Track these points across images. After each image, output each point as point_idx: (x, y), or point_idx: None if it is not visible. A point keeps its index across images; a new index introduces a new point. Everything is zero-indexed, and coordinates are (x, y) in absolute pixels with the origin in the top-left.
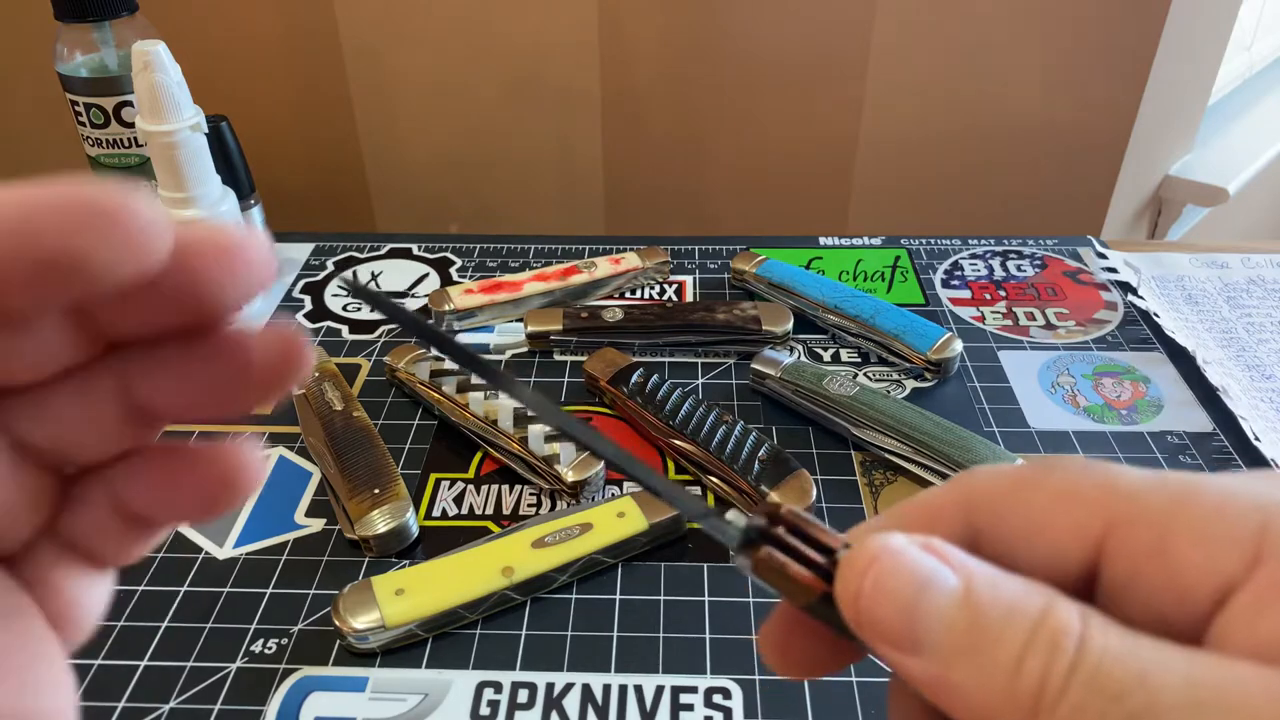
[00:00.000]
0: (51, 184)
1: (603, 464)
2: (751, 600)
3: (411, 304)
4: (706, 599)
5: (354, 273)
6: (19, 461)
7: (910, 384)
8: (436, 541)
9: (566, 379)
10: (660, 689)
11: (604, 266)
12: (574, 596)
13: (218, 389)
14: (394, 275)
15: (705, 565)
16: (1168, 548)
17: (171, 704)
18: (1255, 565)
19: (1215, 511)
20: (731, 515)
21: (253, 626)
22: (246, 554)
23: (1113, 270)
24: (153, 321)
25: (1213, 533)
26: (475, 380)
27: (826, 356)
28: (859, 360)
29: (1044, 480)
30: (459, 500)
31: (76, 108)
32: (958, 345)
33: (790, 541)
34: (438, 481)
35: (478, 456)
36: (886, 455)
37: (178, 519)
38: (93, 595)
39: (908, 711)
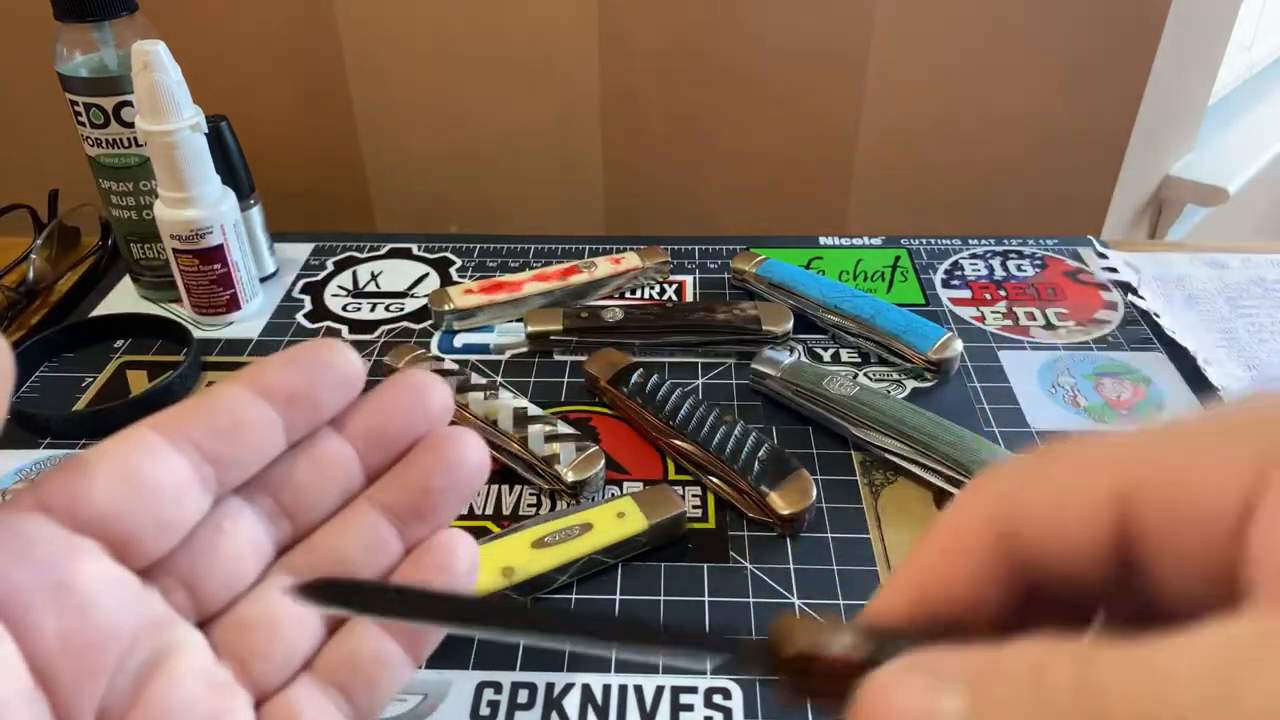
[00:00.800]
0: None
1: (602, 464)
2: (751, 600)
3: (411, 304)
4: (706, 599)
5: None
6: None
7: (910, 384)
8: None
9: (566, 379)
10: (660, 689)
11: (604, 266)
12: (574, 596)
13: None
14: (394, 275)
15: (705, 565)
16: (1183, 481)
17: None
18: (1265, 476)
19: (1217, 438)
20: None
21: None
22: None
23: (1113, 270)
24: None
25: (1219, 474)
26: (475, 380)
27: (826, 356)
28: (859, 360)
29: (1055, 458)
30: None
31: (76, 108)
32: (958, 345)
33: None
34: None
35: None
36: (886, 455)
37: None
38: None
39: None
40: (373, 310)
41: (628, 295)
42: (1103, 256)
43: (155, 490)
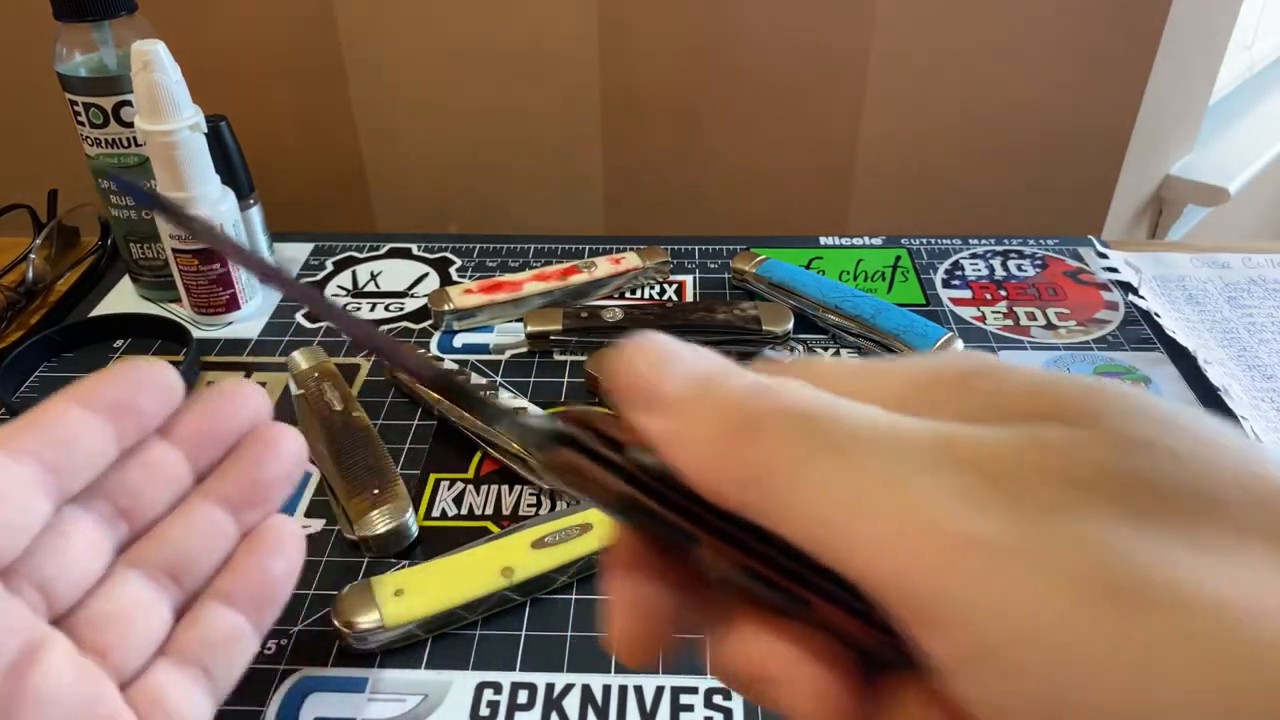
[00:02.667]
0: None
1: None
2: None
3: (411, 304)
4: None
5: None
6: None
7: None
8: (436, 542)
9: (566, 379)
10: (660, 689)
11: (604, 266)
12: (574, 597)
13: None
14: (394, 275)
15: None
16: None
17: None
18: (906, 402)
19: (883, 372)
20: (533, 417)
21: None
22: None
23: (1114, 270)
24: None
25: (879, 386)
26: (475, 380)
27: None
28: None
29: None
30: (458, 500)
31: (76, 107)
32: (958, 345)
33: (591, 445)
34: (437, 482)
35: (477, 457)
36: None
37: (260, 608)
38: (197, 712)
39: (617, 548)
40: (373, 310)
41: (628, 295)
42: (1103, 256)
43: (2, 497)
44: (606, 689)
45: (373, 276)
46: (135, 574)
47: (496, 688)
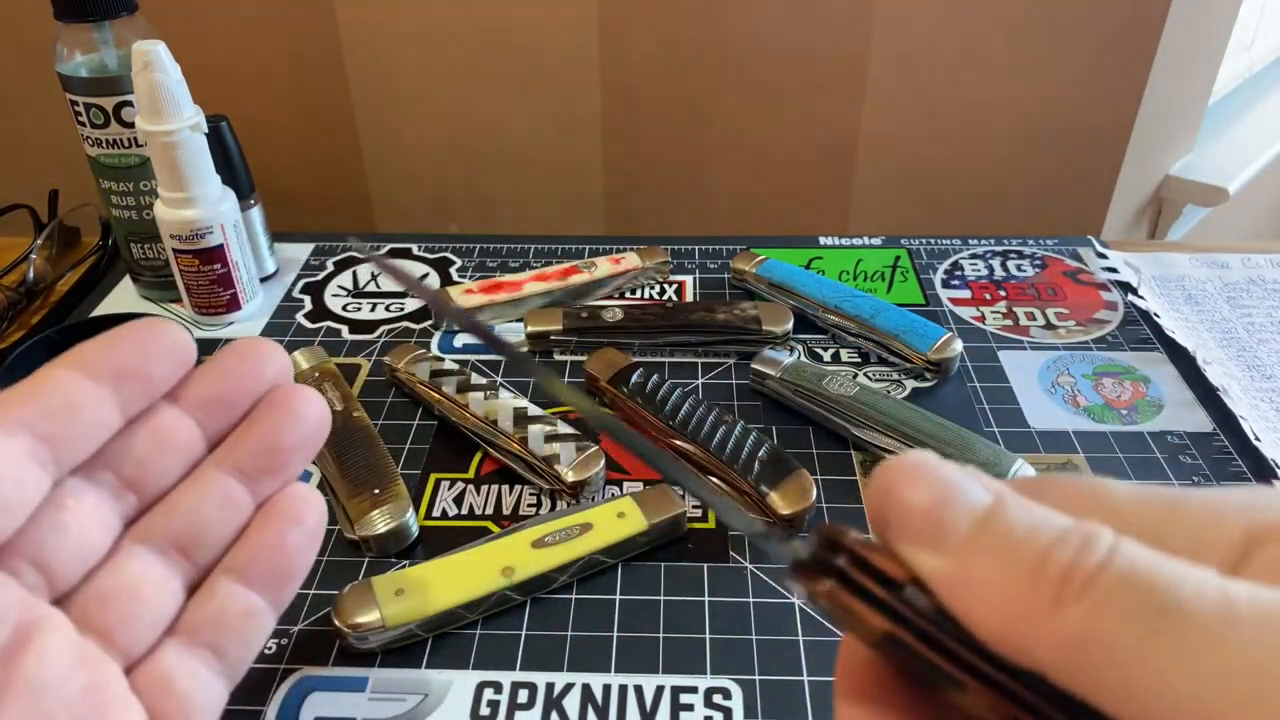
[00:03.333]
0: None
1: (603, 464)
2: (751, 600)
3: (411, 304)
4: (706, 599)
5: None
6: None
7: (910, 384)
8: (436, 541)
9: (566, 379)
10: (660, 689)
11: (604, 266)
12: (574, 596)
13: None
14: (394, 282)
15: (705, 565)
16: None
17: None
18: (1245, 558)
19: (1205, 516)
20: (795, 542)
21: None
22: None
23: (1113, 270)
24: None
25: (1203, 535)
26: (475, 380)
27: (826, 356)
28: (859, 360)
29: (1036, 495)
30: (459, 500)
31: (76, 108)
32: (958, 345)
33: (853, 575)
34: (438, 482)
35: (478, 456)
36: (887, 455)
37: (278, 588)
38: (208, 695)
39: (853, 673)
40: (373, 310)
41: (628, 295)
42: (1103, 256)
43: None
44: (606, 688)
45: (373, 276)
46: (143, 549)
47: (497, 687)
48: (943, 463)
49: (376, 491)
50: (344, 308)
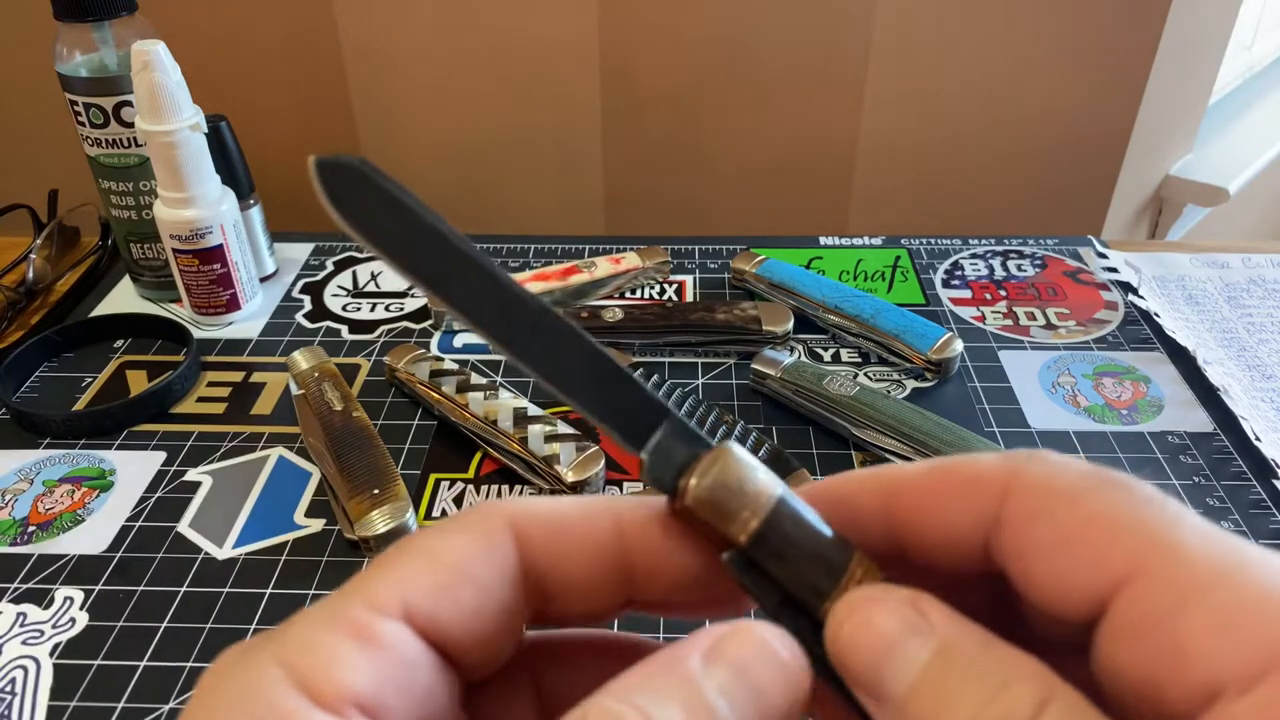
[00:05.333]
0: None
1: (603, 464)
2: None
3: (411, 304)
4: None
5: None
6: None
7: (910, 384)
8: None
9: None
10: None
11: (604, 266)
12: None
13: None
14: (394, 275)
15: None
16: (1177, 623)
17: (171, 704)
18: (1001, 509)
19: (971, 477)
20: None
21: (252, 627)
22: (246, 554)
23: (1113, 270)
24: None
25: (970, 494)
26: (475, 380)
27: (827, 356)
28: (859, 360)
29: (953, 467)
30: (459, 500)
31: (76, 108)
32: (958, 345)
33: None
34: (437, 482)
35: (477, 457)
36: (886, 455)
37: None
38: None
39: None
40: (372, 310)
41: (628, 295)
42: (1103, 256)
43: None
44: None
45: (373, 276)
46: None
47: None
48: (898, 614)
49: (376, 492)
50: (344, 308)
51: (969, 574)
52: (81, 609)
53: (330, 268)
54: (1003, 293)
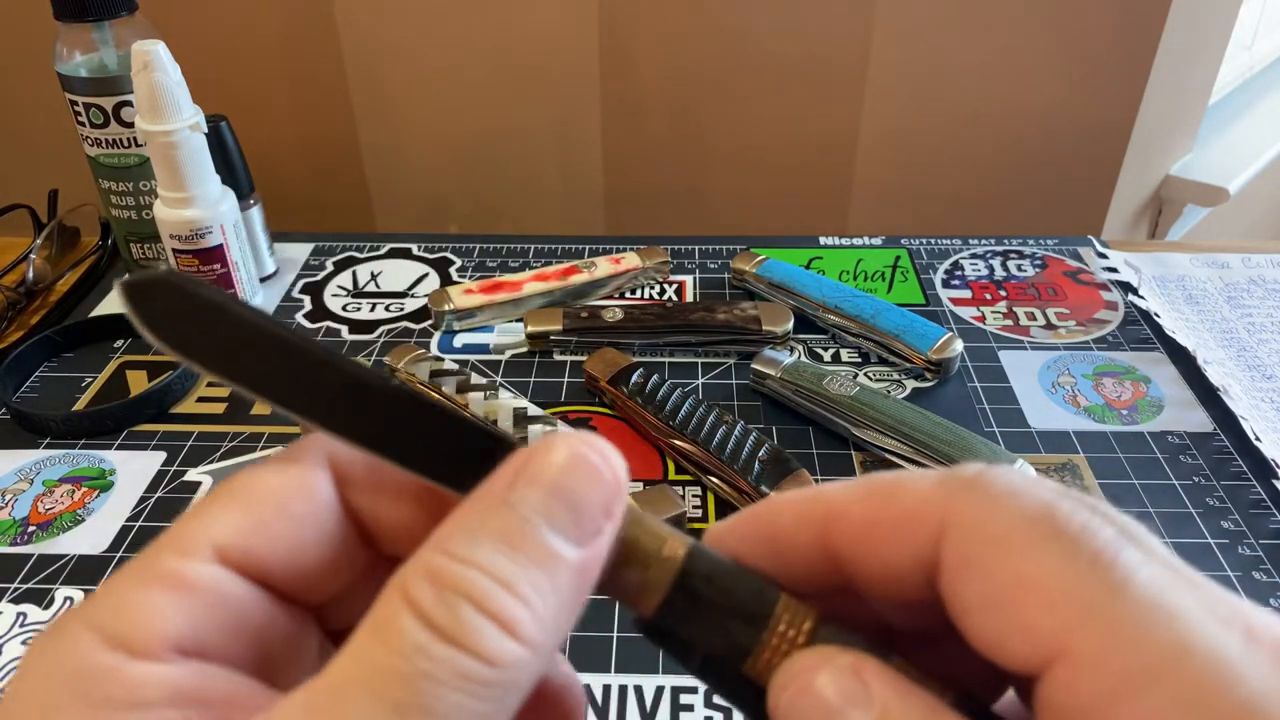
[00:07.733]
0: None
1: None
2: None
3: (411, 304)
4: None
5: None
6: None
7: (910, 384)
8: None
9: (566, 379)
10: (660, 689)
11: (604, 266)
12: None
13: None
14: (394, 275)
15: None
16: (1011, 596)
17: None
18: (940, 544)
19: (914, 503)
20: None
21: None
22: None
23: (1113, 270)
24: None
25: (910, 524)
26: (475, 380)
27: (827, 356)
28: (859, 360)
29: (890, 494)
30: None
31: (76, 108)
32: (958, 345)
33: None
34: None
35: None
36: (886, 455)
37: None
38: None
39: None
40: (372, 310)
41: (628, 295)
42: (1103, 256)
43: None
44: (606, 689)
45: (373, 276)
46: None
47: None
48: (824, 683)
49: None
50: (344, 308)
51: (920, 601)
52: None
53: (330, 268)
54: (1003, 293)
